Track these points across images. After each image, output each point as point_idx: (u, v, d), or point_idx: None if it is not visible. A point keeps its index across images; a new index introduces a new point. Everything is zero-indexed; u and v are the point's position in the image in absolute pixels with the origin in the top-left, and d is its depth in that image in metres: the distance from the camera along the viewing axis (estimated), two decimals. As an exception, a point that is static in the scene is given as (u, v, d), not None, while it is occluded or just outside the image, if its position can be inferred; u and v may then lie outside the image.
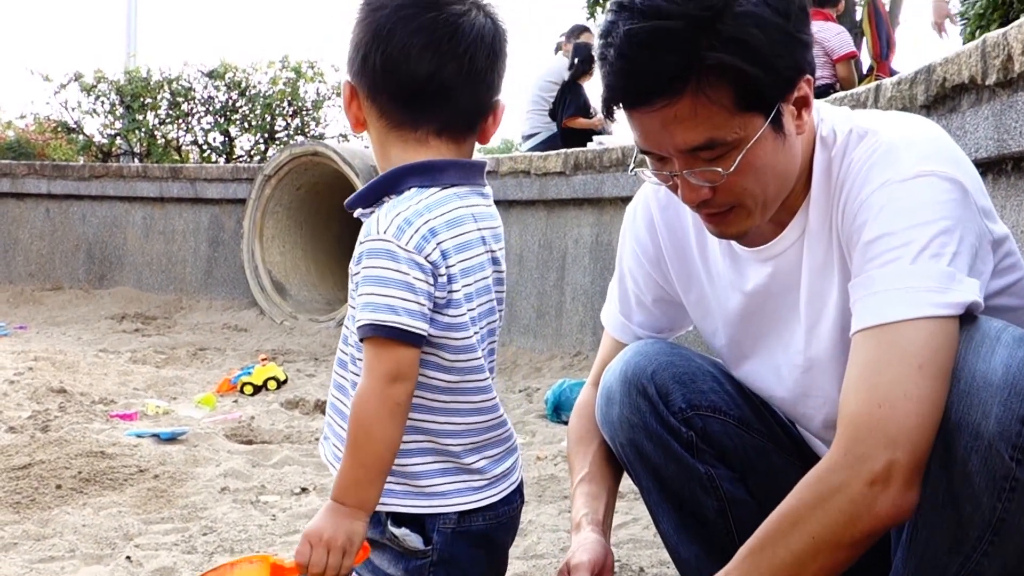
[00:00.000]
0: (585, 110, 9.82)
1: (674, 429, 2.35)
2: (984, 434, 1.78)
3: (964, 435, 1.79)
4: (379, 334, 1.79)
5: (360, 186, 8.31)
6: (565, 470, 4.29)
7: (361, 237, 1.86)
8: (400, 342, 1.80)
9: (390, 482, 1.89)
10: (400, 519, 1.93)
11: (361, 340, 1.83)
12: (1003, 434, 1.77)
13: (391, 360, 1.81)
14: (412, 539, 1.93)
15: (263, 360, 6.87)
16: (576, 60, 9.98)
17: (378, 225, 1.83)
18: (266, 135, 14.44)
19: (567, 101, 9.95)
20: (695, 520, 2.40)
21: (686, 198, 2.00)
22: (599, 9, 20.95)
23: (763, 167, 1.95)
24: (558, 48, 10.72)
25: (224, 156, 14.46)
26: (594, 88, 10.05)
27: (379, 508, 1.89)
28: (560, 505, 3.81)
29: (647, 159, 2.04)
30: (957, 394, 1.81)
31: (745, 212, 2.01)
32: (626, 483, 4.05)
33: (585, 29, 10.92)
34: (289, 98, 14.28)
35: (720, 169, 1.92)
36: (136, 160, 14.25)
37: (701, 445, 2.37)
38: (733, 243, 2.21)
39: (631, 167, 2.10)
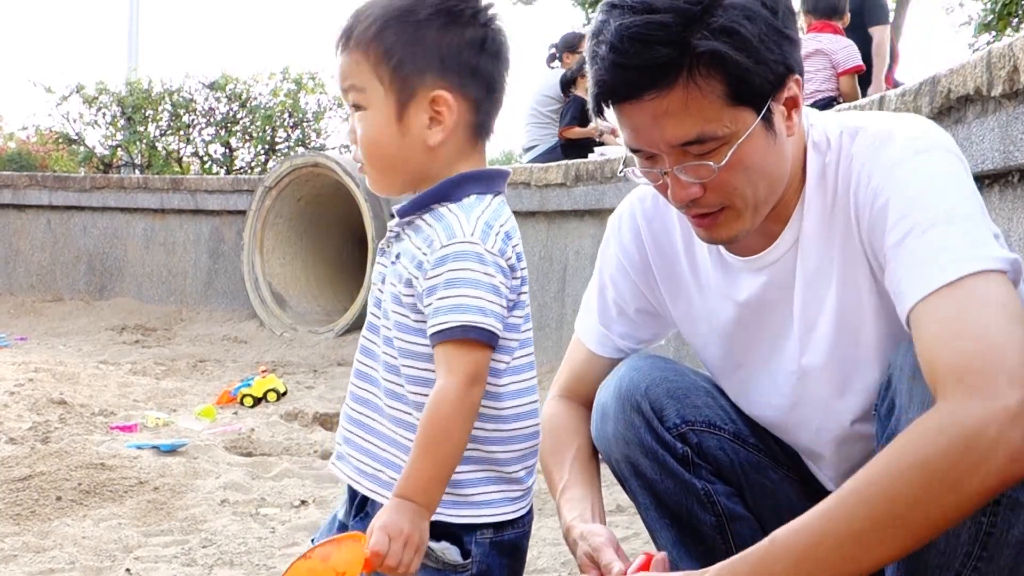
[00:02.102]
0: (582, 118, 9.81)
1: (669, 445, 2.34)
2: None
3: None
4: (469, 336, 1.81)
5: (361, 197, 8.37)
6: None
7: (441, 240, 1.85)
8: (484, 344, 1.83)
9: None
10: (437, 533, 1.89)
11: (443, 342, 1.82)
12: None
13: (474, 362, 1.82)
14: (452, 552, 1.91)
15: (263, 372, 6.85)
16: (578, 67, 9.97)
17: (461, 228, 1.85)
18: (267, 147, 14.46)
19: (564, 111, 9.95)
20: (693, 536, 2.38)
21: (676, 196, 1.98)
22: (591, 10, 21.06)
23: (753, 165, 1.95)
24: (551, 58, 10.69)
25: (225, 168, 14.48)
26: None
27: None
28: (562, 518, 3.79)
29: (636, 158, 2.02)
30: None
31: (735, 214, 2.00)
32: (627, 497, 4.03)
33: (581, 37, 10.92)
34: (290, 110, 14.30)
35: (711, 163, 1.91)
36: (137, 171, 14.28)
37: (696, 460, 2.35)
38: (724, 253, 2.19)
39: (620, 168, 2.08)
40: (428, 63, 1.90)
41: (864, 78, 7.99)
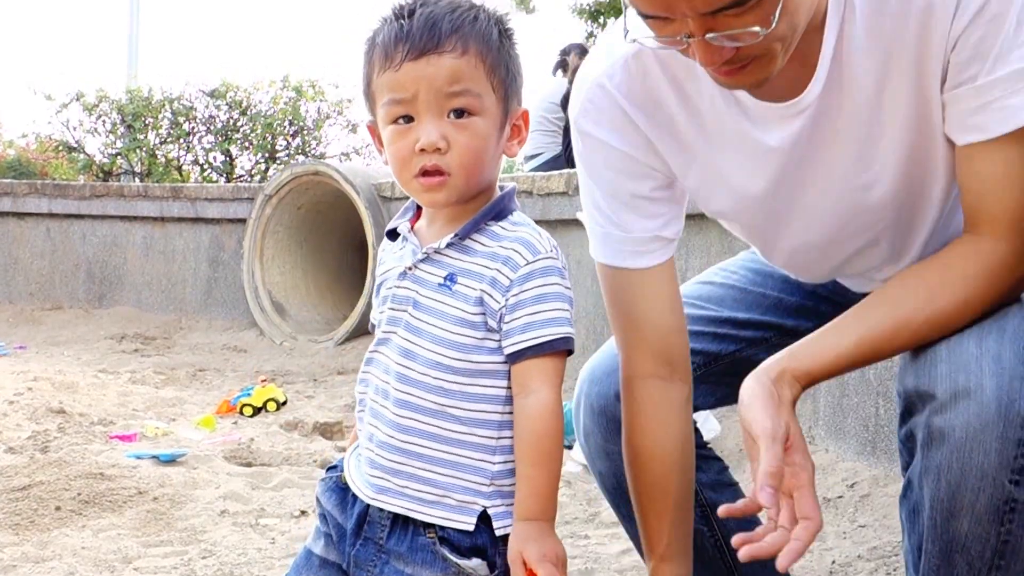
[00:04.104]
0: None
1: None
2: (989, 472, 1.74)
3: (971, 478, 1.76)
4: (568, 347, 1.85)
5: (361, 205, 8.35)
6: (567, 494, 4.25)
7: (525, 257, 1.86)
8: (567, 354, 1.87)
9: (503, 505, 1.88)
10: (466, 549, 1.88)
11: (540, 355, 1.84)
12: (1002, 464, 1.73)
13: (562, 372, 1.87)
14: (483, 568, 1.89)
15: (262, 381, 6.83)
16: (572, 78, 10.01)
17: (541, 244, 1.88)
18: (267, 154, 14.45)
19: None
20: None
21: (706, 60, 1.74)
22: (596, 23, 21.03)
23: (797, 8, 1.72)
24: (558, 67, 10.71)
25: (225, 175, 14.48)
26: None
27: (500, 532, 1.87)
28: (560, 530, 3.78)
29: (644, 23, 1.77)
30: (965, 428, 1.75)
31: (769, 58, 1.77)
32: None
33: (582, 50, 10.92)
34: (290, 117, 14.30)
35: (758, 28, 1.67)
36: (137, 179, 14.27)
37: None
38: (744, 100, 1.97)
39: (625, 34, 1.85)
40: (522, 78, 1.93)
41: None
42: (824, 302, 2.43)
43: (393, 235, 2.02)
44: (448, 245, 1.90)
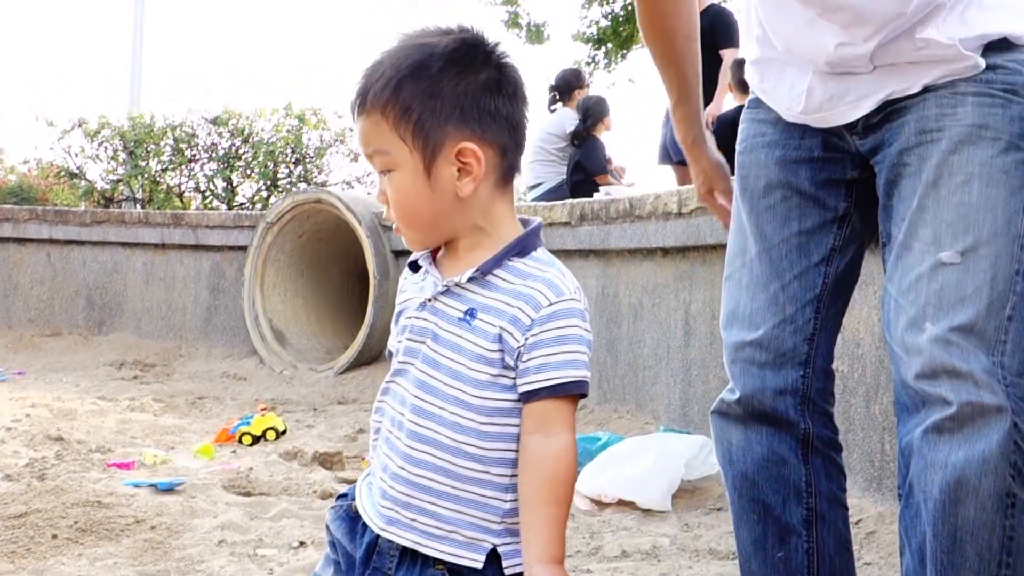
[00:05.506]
0: (604, 164, 9.96)
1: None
2: (991, 459, 1.83)
3: (975, 463, 1.84)
4: (582, 390, 1.86)
5: (363, 233, 8.33)
6: (570, 527, 4.22)
7: (548, 297, 1.85)
8: (582, 398, 1.88)
9: (513, 543, 1.87)
10: None
11: (555, 396, 1.84)
12: (1003, 455, 1.83)
13: (574, 415, 1.87)
14: None
15: (262, 410, 6.79)
16: (584, 117, 10.04)
17: (565, 285, 1.88)
18: (269, 182, 14.46)
19: (590, 156, 9.98)
20: (778, 535, 2.33)
21: None
22: (601, 48, 21.09)
23: None
24: (552, 101, 10.71)
25: (226, 203, 14.48)
26: (609, 139, 10.14)
27: (510, 571, 1.86)
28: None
29: None
30: (969, 422, 1.86)
31: None
32: (632, 541, 3.99)
33: (578, 80, 10.90)
34: (292, 145, 14.31)
35: None
36: (138, 206, 14.28)
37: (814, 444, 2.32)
38: None
39: None
40: (448, 115, 1.86)
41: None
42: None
43: (415, 267, 2.01)
44: (470, 280, 1.89)
